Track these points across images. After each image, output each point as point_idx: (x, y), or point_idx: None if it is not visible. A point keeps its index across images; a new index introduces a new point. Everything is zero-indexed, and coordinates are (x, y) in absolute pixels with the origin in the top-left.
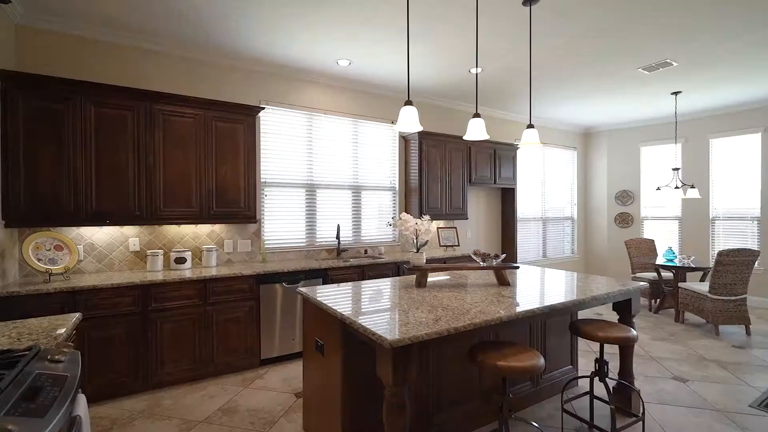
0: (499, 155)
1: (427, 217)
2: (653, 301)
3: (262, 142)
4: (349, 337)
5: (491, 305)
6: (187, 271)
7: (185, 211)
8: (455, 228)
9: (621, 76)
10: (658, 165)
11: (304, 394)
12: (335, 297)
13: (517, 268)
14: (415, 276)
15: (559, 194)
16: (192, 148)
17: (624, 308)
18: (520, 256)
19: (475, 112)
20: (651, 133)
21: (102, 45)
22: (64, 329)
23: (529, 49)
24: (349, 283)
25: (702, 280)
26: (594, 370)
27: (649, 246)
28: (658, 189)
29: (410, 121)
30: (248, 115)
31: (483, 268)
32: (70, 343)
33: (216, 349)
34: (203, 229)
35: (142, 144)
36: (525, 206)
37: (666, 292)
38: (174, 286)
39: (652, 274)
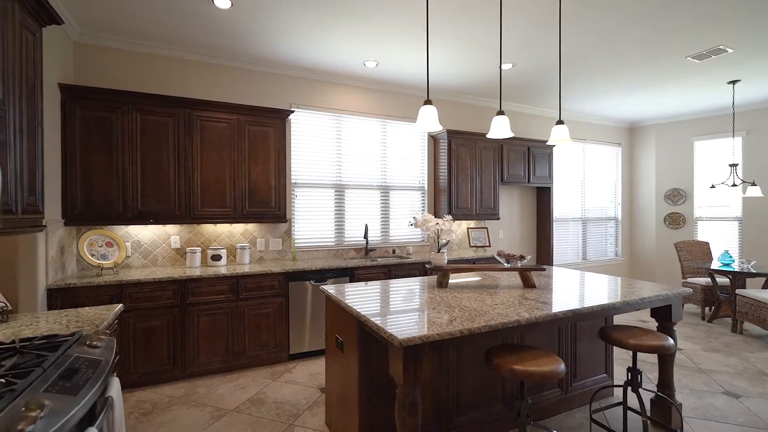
0: (533, 153)
1: (449, 216)
2: (707, 308)
3: (292, 143)
4: (366, 335)
5: (511, 308)
6: (222, 268)
7: (220, 210)
8: (486, 228)
9: (667, 67)
10: (715, 161)
11: (327, 389)
12: (355, 295)
13: (543, 269)
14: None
15: (601, 193)
16: (226, 151)
17: (663, 315)
18: (556, 258)
19: (499, 109)
20: (706, 127)
21: (146, 57)
22: (106, 319)
23: (559, 41)
24: (372, 282)
25: (764, 287)
26: (627, 379)
27: (703, 249)
28: (712, 187)
29: (429, 120)
30: (278, 118)
31: (506, 269)
32: (107, 331)
33: (247, 343)
34: (237, 228)
35: (181, 148)
36: (563, 206)
37: (721, 300)
38: (209, 282)
39: (706, 280)
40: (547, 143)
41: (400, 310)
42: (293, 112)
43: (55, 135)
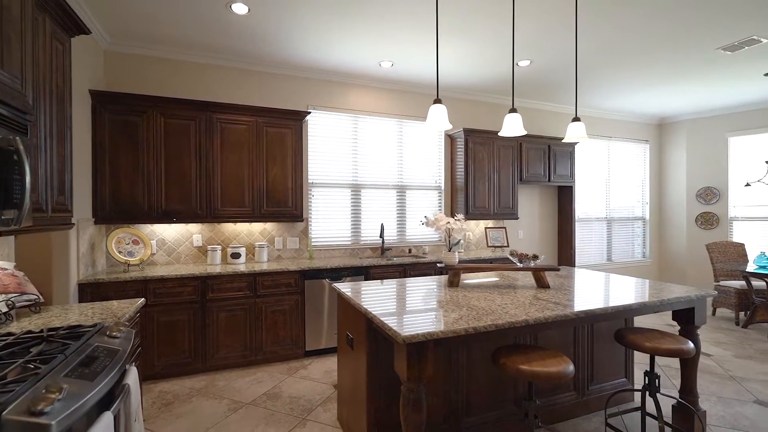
0: (554, 151)
1: (460, 216)
2: (742, 313)
3: (309, 144)
4: (375, 332)
5: (521, 307)
6: (241, 266)
7: (239, 210)
8: (504, 228)
9: (698, 59)
10: (751, 157)
11: (338, 385)
12: (365, 293)
13: (558, 269)
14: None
15: (628, 192)
16: (245, 152)
17: (686, 318)
18: (579, 259)
19: (511, 106)
20: (741, 121)
21: (168, 63)
22: (128, 312)
23: (575, 36)
24: (385, 281)
25: None
26: (645, 383)
27: (738, 250)
28: (747, 185)
29: (439, 119)
30: (295, 120)
31: (518, 269)
32: (126, 323)
33: (265, 339)
34: (256, 227)
35: (202, 150)
36: (586, 205)
37: (757, 304)
38: (228, 279)
39: (740, 283)
40: (563, 141)
41: (408, 307)
42: (310, 113)
43: (87, 139)
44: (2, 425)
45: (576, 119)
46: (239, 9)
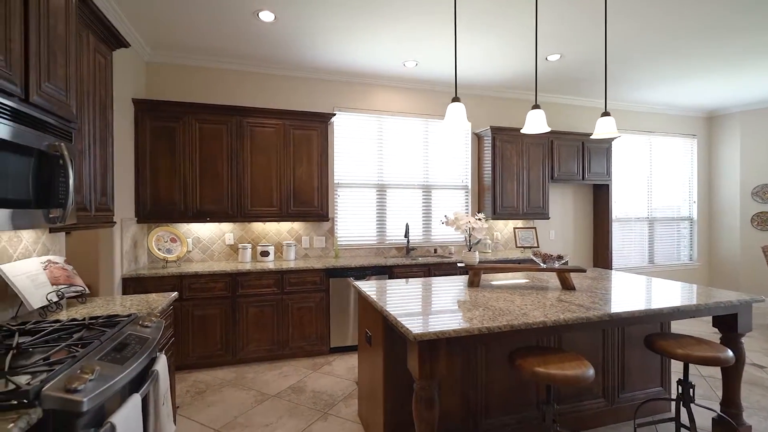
0: (588, 148)
1: (481, 215)
2: None
3: (335, 145)
4: (392, 330)
5: (540, 309)
6: (270, 263)
7: (268, 209)
8: (534, 228)
9: (753, 44)
10: None
11: (359, 382)
12: (384, 291)
13: (584, 270)
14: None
15: (673, 190)
16: (273, 154)
17: (728, 325)
18: (617, 261)
19: (534, 103)
20: None
21: (201, 71)
22: (161, 305)
23: (605, 22)
24: (406, 280)
25: None
26: (678, 393)
27: None
28: None
29: (457, 118)
30: (321, 122)
31: (541, 269)
32: (157, 314)
33: (291, 334)
34: (284, 226)
35: (233, 152)
36: (625, 205)
37: None
38: (256, 276)
39: None
40: (591, 137)
41: (424, 306)
42: (335, 115)
43: (130, 144)
44: (42, 399)
45: (605, 114)
46: (266, 17)
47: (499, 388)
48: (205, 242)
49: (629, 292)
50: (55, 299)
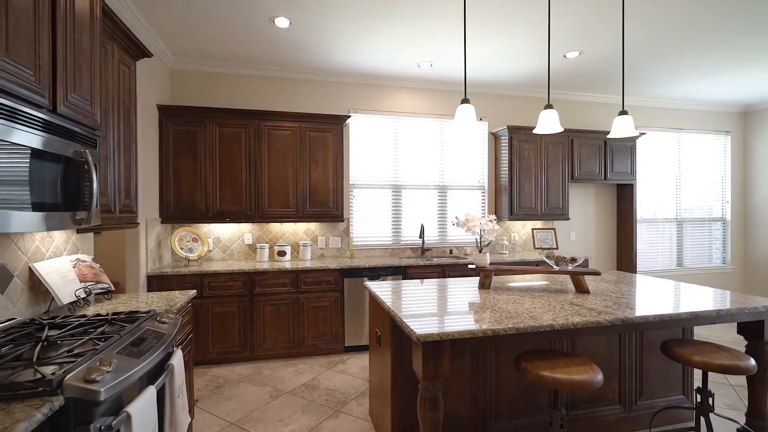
0: (610, 147)
1: (491, 216)
2: None
3: (351, 146)
4: (399, 330)
5: (549, 312)
6: (287, 263)
7: (285, 210)
8: (553, 230)
9: None
10: None
11: (370, 381)
12: (394, 292)
13: (598, 273)
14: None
15: (704, 190)
16: (289, 156)
17: (754, 332)
18: (643, 264)
19: (547, 102)
20: None
21: (221, 76)
22: (180, 302)
23: (622, 15)
24: (417, 281)
25: None
26: (697, 402)
27: None
28: None
29: (465, 120)
30: (336, 124)
31: (552, 272)
32: (174, 311)
33: (306, 333)
34: (300, 227)
35: (251, 155)
36: (651, 205)
37: None
38: (273, 275)
39: None
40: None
41: (432, 307)
42: (350, 117)
43: (155, 148)
44: (64, 388)
45: (623, 112)
46: (281, 23)
47: (510, 392)
48: (225, 242)
49: (647, 296)
50: (83, 295)
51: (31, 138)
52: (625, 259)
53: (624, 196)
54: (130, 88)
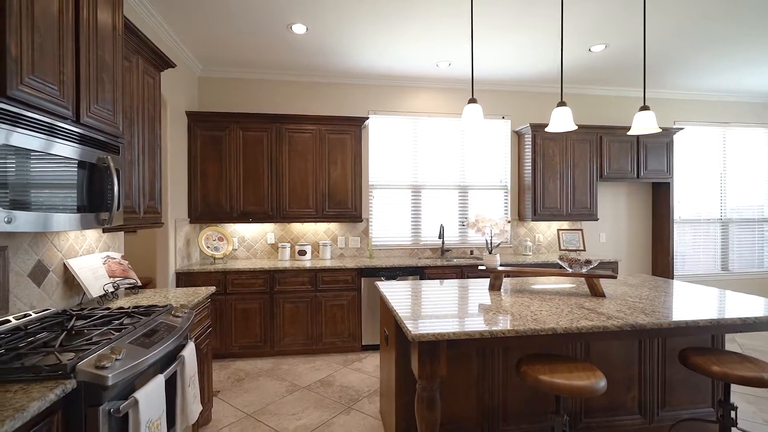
0: (644, 143)
1: (503, 216)
2: None
3: (370, 147)
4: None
5: (555, 315)
6: (307, 262)
7: (305, 211)
8: (581, 230)
9: None
10: None
11: (380, 380)
12: (404, 292)
13: (614, 277)
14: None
15: (753, 188)
16: (309, 158)
17: None
18: (681, 268)
19: (560, 99)
20: None
21: (246, 82)
22: (198, 297)
23: (643, 4)
24: (430, 281)
25: None
26: (717, 415)
27: None
28: None
29: (473, 120)
30: (355, 126)
31: (565, 274)
32: (188, 306)
33: (324, 330)
34: (321, 227)
35: (273, 157)
36: (691, 205)
37: None
38: (292, 273)
39: None
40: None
41: (436, 308)
42: (368, 118)
43: (184, 152)
44: (77, 373)
45: (644, 108)
46: (298, 29)
47: (518, 395)
48: (249, 241)
49: (669, 302)
50: (111, 290)
51: (62, 148)
52: (661, 262)
53: (660, 196)
54: (154, 97)
